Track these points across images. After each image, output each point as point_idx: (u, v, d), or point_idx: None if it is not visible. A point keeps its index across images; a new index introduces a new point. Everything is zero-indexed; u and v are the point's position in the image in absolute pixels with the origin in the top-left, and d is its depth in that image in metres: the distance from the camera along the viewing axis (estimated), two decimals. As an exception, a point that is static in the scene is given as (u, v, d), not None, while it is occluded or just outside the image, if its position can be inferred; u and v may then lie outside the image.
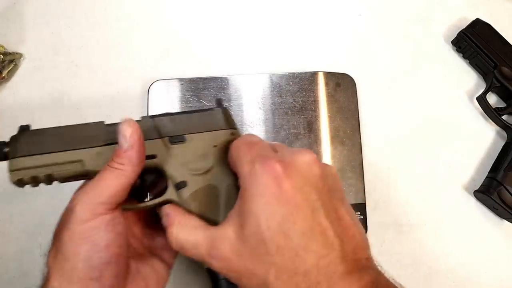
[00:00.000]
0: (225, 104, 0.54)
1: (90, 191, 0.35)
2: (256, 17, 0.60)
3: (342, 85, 0.56)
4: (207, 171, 0.40)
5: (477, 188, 0.55)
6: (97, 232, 0.34)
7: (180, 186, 0.39)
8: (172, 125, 0.41)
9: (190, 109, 0.47)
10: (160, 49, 0.58)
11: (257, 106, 0.55)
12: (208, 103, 0.54)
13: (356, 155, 0.54)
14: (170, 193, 0.39)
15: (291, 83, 0.55)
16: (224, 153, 0.40)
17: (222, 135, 0.41)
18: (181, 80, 0.55)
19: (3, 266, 0.50)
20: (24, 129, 0.40)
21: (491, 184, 0.53)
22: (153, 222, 0.42)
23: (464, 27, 0.58)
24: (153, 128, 0.40)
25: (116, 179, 0.35)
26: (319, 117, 0.54)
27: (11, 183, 0.37)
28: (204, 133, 0.41)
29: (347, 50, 0.60)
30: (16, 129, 0.55)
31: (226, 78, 0.55)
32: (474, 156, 0.57)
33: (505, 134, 0.57)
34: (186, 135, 0.41)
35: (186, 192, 0.39)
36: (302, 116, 0.54)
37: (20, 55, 0.56)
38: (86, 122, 0.41)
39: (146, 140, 0.39)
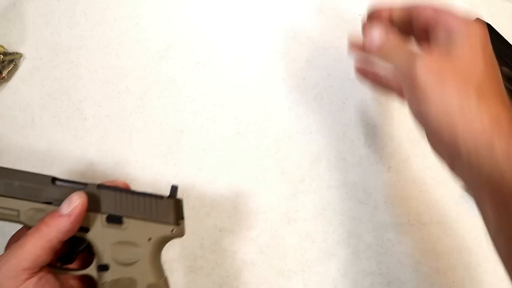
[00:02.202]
0: None
1: (11, 258, 0.35)
2: (254, 15, 0.60)
3: None
4: (132, 263, 0.39)
5: (477, 188, 0.55)
6: None
7: (102, 268, 0.39)
8: (115, 203, 0.39)
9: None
10: (161, 48, 0.58)
11: None
12: None
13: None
14: (92, 270, 0.39)
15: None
16: (156, 249, 0.40)
17: (161, 230, 0.40)
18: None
19: (3, 266, 0.50)
20: None
21: None
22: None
23: (464, 27, 0.58)
24: (95, 199, 0.39)
25: (37, 243, 0.35)
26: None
27: None
28: (144, 221, 0.40)
29: (346, 50, 0.59)
30: (16, 128, 0.56)
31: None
32: (474, 156, 0.57)
33: (505, 134, 0.57)
34: (125, 218, 0.39)
35: (106, 277, 0.38)
36: None
37: (20, 55, 0.56)
38: (35, 171, 0.39)
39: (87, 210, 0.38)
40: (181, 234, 0.41)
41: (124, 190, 0.40)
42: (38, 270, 0.35)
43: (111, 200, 0.39)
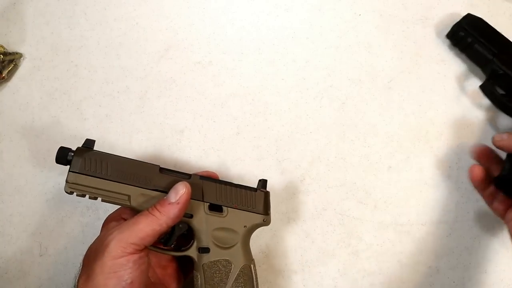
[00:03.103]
0: None
1: (125, 230, 0.39)
2: (254, 15, 0.60)
3: None
4: (229, 247, 0.43)
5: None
6: (125, 269, 0.38)
7: (203, 250, 0.43)
8: (216, 193, 0.44)
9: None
10: (161, 48, 0.58)
11: None
12: None
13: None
14: (192, 252, 0.43)
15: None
16: (249, 235, 0.45)
17: (255, 219, 0.45)
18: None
19: (3, 266, 0.50)
20: (89, 143, 0.42)
21: None
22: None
23: (462, 26, 0.58)
24: (199, 189, 0.44)
25: (150, 225, 0.39)
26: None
27: (64, 191, 0.41)
28: (241, 211, 0.45)
29: (346, 50, 0.60)
30: (16, 128, 0.56)
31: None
32: (474, 156, 0.57)
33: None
34: (225, 207, 0.44)
35: (206, 258, 0.43)
36: None
37: (20, 55, 0.56)
38: (143, 160, 0.44)
39: (191, 199, 0.42)
40: (269, 223, 0.46)
41: (222, 182, 0.45)
42: (142, 249, 0.39)
43: (212, 190, 0.44)
